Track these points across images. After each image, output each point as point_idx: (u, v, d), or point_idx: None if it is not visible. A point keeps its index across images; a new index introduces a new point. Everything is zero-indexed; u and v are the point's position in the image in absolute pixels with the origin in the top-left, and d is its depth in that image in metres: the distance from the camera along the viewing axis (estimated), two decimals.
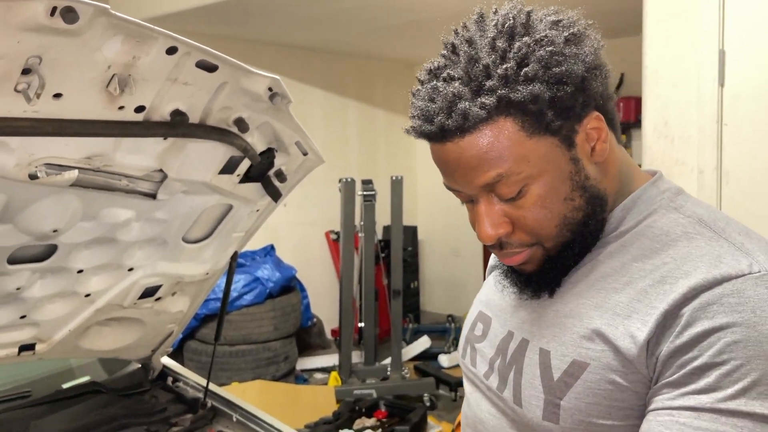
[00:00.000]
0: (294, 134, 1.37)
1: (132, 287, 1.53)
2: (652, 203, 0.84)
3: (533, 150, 0.77)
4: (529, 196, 0.79)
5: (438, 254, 6.36)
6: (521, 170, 0.77)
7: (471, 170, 0.78)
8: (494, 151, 0.76)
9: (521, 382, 0.84)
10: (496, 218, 0.81)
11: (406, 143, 6.33)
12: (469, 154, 0.77)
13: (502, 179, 0.77)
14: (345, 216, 4.13)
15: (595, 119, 0.80)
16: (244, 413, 1.75)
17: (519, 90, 0.74)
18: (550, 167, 0.78)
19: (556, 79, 0.75)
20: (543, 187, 0.78)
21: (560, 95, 0.75)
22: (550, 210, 0.80)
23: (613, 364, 0.75)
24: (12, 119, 0.95)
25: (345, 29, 4.51)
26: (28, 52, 0.87)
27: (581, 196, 0.81)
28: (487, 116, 0.75)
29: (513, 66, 0.74)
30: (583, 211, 0.81)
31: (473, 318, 1.02)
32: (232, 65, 1.12)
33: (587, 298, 0.82)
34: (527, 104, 0.74)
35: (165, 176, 1.28)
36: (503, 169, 0.76)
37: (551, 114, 0.76)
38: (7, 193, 1.10)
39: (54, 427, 1.58)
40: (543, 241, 0.82)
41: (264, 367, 4.14)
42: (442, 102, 0.76)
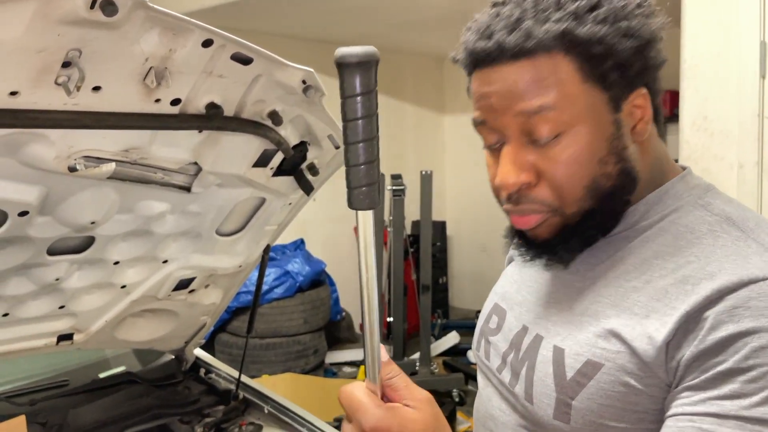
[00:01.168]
0: (326, 127, 1.37)
1: (166, 279, 1.55)
2: (678, 199, 0.81)
3: (582, 95, 0.74)
4: (564, 145, 0.75)
5: (467, 250, 6.33)
6: (565, 109, 0.73)
7: (514, 96, 0.74)
8: (544, 81, 0.73)
9: (533, 378, 0.81)
10: (522, 163, 0.76)
11: (436, 138, 6.30)
12: (516, 78, 0.73)
13: (543, 112, 0.73)
14: (374, 211, 4.12)
15: (643, 97, 0.78)
16: (276, 405, 1.76)
17: (587, 28, 0.72)
18: (593, 120, 0.75)
19: (623, 33, 0.73)
20: (581, 139, 0.74)
21: (622, 48, 0.73)
22: (583, 167, 0.75)
23: (628, 366, 0.72)
24: (52, 112, 0.97)
25: (375, 23, 4.50)
26: (68, 45, 0.88)
27: (615, 164, 0.77)
28: (549, 43, 0.72)
29: (585, 5, 0.73)
30: (613, 182, 0.77)
31: (488, 310, 0.99)
32: (267, 58, 1.12)
33: (605, 295, 0.79)
34: (591, 45, 0.72)
35: (200, 169, 1.29)
36: (549, 100, 0.73)
37: (610, 66, 0.74)
38: (47, 185, 1.12)
39: (91, 415, 1.61)
40: (565, 205, 0.77)
41: (294, 360, 4.17)
42: (505, 21, 0.74)
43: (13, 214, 1.13)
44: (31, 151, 1.03)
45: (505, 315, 0.94)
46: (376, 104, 0.60)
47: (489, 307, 1.00)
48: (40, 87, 0.92)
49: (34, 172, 1.08)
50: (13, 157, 1.04)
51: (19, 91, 0.91)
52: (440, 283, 5.84)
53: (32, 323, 1.48)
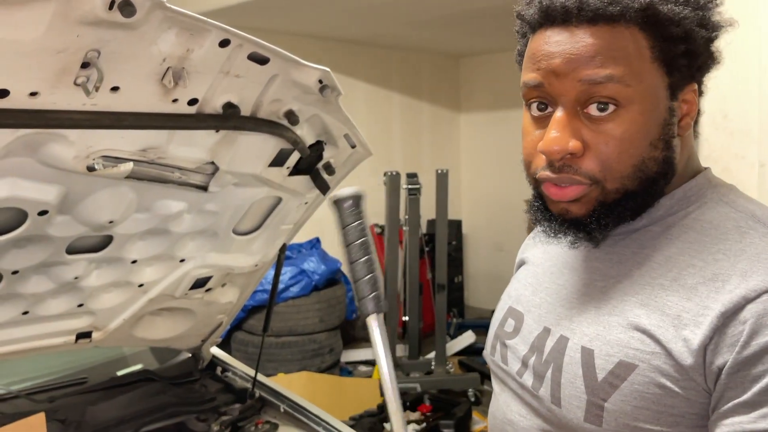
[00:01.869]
0: (343, 127, 1.37)
1: (183, 278, 1.55)
2: (702, 196, 0.80)
3: (649, 74, 0.72)
4: (618, 122, 0.72)
5: (482, 249, 6.30)
6: (630, 83, 0.71)
7: (583, 60, 0.71)
8: (618, 52, 0.71)
9: (561, 380, 0.79)
10: (572, 130, 0.73)
11: (452, 137, 6.28)
12: (589, 42, 0.71)
13: (609, 83, 0.71)
14: (389, 210, 4.13)
15: (693, 92, 0.77)
16: (292, 404, 1.77)
17: (669, 6, 0.71)
18: (652, 101, 0.73)
19: (699, 21, 0.74)
20: (638, 116, 0.72)
21: (696, 36, 0.73)
22: (634, 146, 0.73)
23: (664, 368, 0.70)
24: (72, 112, 0.97)
25: (391, 21, 4.50)
26: (87, 45, 0.89)
27: (663, 150, 0.75)
28: (630, 13, 0.70)
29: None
30: (657, 167, 0.75)
31: (502, 314, 0.97)
32: (283, 57, 1.12)
33: (631, 294, 0.77)
34: (670, 25, 0.72)
35: (216, 168, 1.29)
36: (618, 72, 0.70)
37: (681, 50, 0.73)
38: (66, 184, 1.13)
39: (109, 413, 1.63)
40: (608, 180, 0.74)
41: (309, 358, 4.18)
42: None
43: (32, 214, 1.14)
44: (51, 151, 1.04)
45: (522, 318, 0.92)
46: (367, 230, 0.75)
47: (503, 311, 0.97)
48: (59, 87, 0.93)
49: (54, 171, 1.09)
50: (32, 157, 1.05)
51: (39, 91, 0.92)
52: (456, 282, 5.82)
53: (51, 321, 1.49)
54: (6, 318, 1.39)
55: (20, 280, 1.32)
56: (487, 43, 5.39)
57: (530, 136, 0.79)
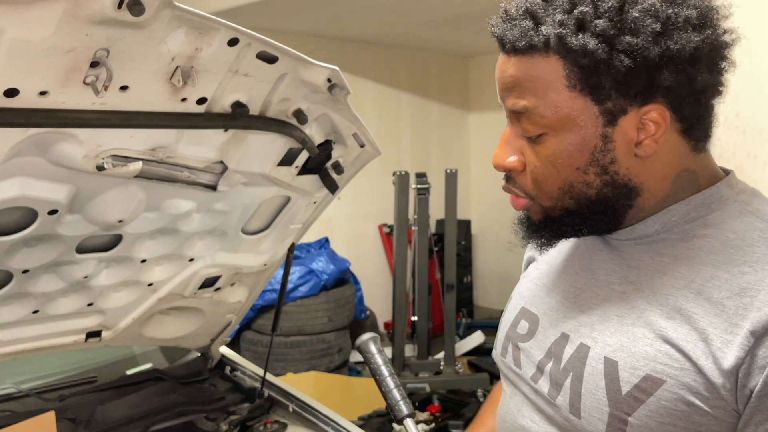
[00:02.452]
0: (351, 126, 1.36)
1: (192, 277, 1.56)
2: (724, 203, 0.77)
3: (566, 102, 0.73)
4: (544, 146, 0.77)
5: (492, 249, 6.28)
6: (545, 115, 0.75)
7: (506, 89, 0.78)
8: (531, 83, 0.74)
9: (581, 391, 0.78)
10: (513, 147, 0.80)
11: (461, 136, 6.27)
12: (510, 73, 0.76)
13: (525, 114, 0.76)
14: (398, 209, 4.12)
15: (658, 113, 0.73)
16: (301, 404, 1.76)
17: (579, 38, 0.70)
18: (574, 129, 0.74)
19: (623, 48, 0.69)
20: (559, 145, 0.75)
21: (616, 65, 0.70)
22: (558, 171, 0.77)
23: (693, 385, 0.69)
24: (81, 111, 0.98)
25: (399, 21, 4.49)
26: (96, 44, 0.89)
27: (597, 174, 0.76)
28: (542, 46, 0.73)
29: (590, 12, 0.70)
30: (595, 189, 0.77)
31: (515, 314, 0.95)
32: (292, 56, 1.12)
33: (654, 304, 0.75)
34: (579, 56, 0.71)
35: (225, 168, 1.29)
36: (531, 104, 0.75)
37: (603, 80, 0.71)
38: (76, 184, 1.14)
39: (119, 411, 1.63)
40: (541, 199, 0.80)
41: (318, 358, 4.18)
42: (516, 11, 0.76)
43: (42, 213, 1.14)
44: (61, 150, 1.05)
45: (537, 320, 0.90)
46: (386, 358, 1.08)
47: (515, 311, 0.95)
48: (68, 87, 0.93)
49: (63, 171, 1.09)
50: (42, 157, 1.05)
51: (49, 91, 0.92)
52: (465, 282, 5.80)
53: (61, 320, 1.50)
54: (16, 317, 1.40)
55: (31, 279, 1.32)
56: (496, 42, 5.36)
57: None
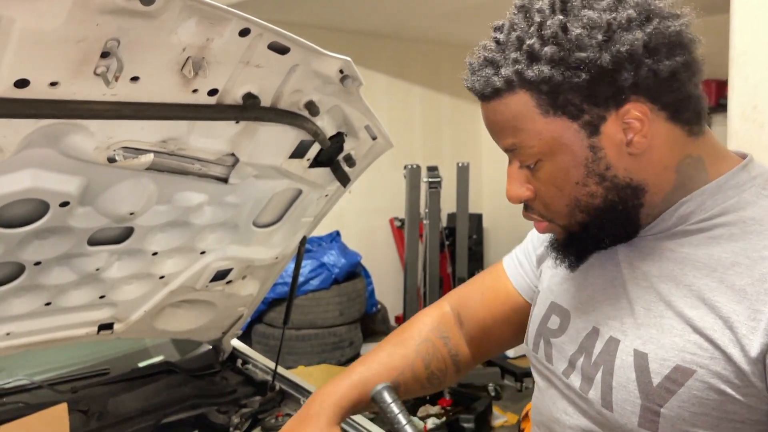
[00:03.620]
0: (363, 118, 1.35)
1: (204, 270, 1.55)
2: (740, 189, 0.76)
3: (546, 128, 0.77)
4: (542, 171, 0.80)
5: (503, 243, 6.25)
6: (533, 144, 0.78)
7: (494, 133, 0.83)
8: (511, 121, 0.78)
9: (612, 384, 0.78)
10: (519, 181, 0.84)
11: (472, 129, 6.23)
12: (492, 118, 0.81)
13: (517, 149, 0.80)
14: (410, 203, 4.11)
15: (637, 110, 0.74)
16: None
17: (533, 69, 0.74)
18: (562, 149, 0.77)
19: (575, 65, 0.72)
20: (554, 167, 0.79)
21: (576, 82, 0.73)
22: (561, 190, 0.80)
23: (724, 373, 0.69)
24: (92, 102, 0.97)
25: (412, 13, 4.46)
26: (107, 35, 0.88)
27: (597, 183, 0.78)
28: (505, 87, 0.77)
29: (537, 43, 0.74)
30: (601, 198, 0.79)
31: (545, 309, 0.95)
32: (304, 47, 1.10)
33: (679, 296, 0.75)
34: (539, 84, 0.74)
35: (237, 160, 1.28)
36: (517, 140, 0.79)
37: (570, 98, 0.74)
38: (87, 176, 1.13)
39: (131, 404, 1.63)
40: (556, 219, 0.84)
41: (329, 351, 4.19)
42: (477, 63, 0.81)
43: (54, 205, 1.14)
44: (72, 141, 1.04)
45: (568, 315, 0.90)
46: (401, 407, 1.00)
47: (545, 306, 0.96)
48: (79, 77, 0.92)
49: (75, 162, 1.09)
50: (54, 148, 1.05)
51: (59, 81, 0.91)
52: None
53: (74, 312, 1.50)
54: (29, 309, 1.40)
55: (43, 272, 1.32)
56: None
57: None
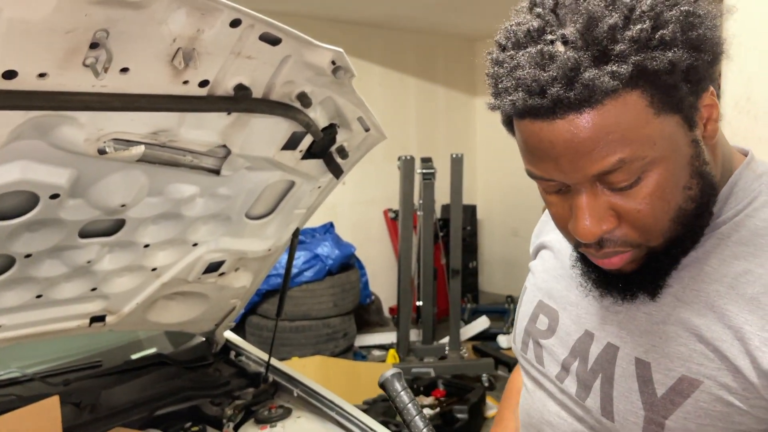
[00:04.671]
0: (356, 110, 1.34)
1: (196, 262, 1.55)
2: (749, 190, 0.74)
3: (660, 130, 0.64)
4: (645, 184, 0.66)
5: (497, 234, 6.27)
6: (645, 155, 0.64)
7: (585, 155, 0.64)
8: (617, 132, 0.63)
9: (612, 394, 0.75)
10: (601, 211, 0.68)
11: (467, 121, 6.23)
12: (585, 135, 0.63)
13: (623, 166, 0.64)
14: (404, 194, 4.10)
15: (711, 95, 0.68)
16: (305, 389, 1.76)
17: (657, 57, 0.61)
18: (673, 150, 0.66)
19: (694, 45, 0.63)
20: (664, 174, 0.66)
21: (697, 65, 0.63)
22: (668, 201, 0.67)
23: (732, 385, 0.66)
24: (81, 94, 0.96)
25: (406, 4, 4.44)
26: (96, 25, 0.87)
27: (698, 184, 0.69)
28: (618, 87, 0.61)
29: (648, 27, 0.61)
30: (696, 202, 0.69)
31: (532, 308, 0.91)
32: (296, 38, 1.10)
33: (686, 302, 0.72)
34: (663, 75, 0.62)
35: (229, 152, 1.27)
36: (626, 154, 0.63)
37: (685, 87, 0.64)
38: (77, 167, 1.12)
39: (123, 396, 1.63)
40: (651, 240, 0.70)
41: (323, 343, 4.19)
42: (557, 70, 0.62)
43: (44, 197, 1.13)
44: (61, 133, 1.03)
45: (557, 316, 0.87)
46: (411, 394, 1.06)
47: (532, 304, 0.92)
48: (68, 69, 0.91)
49: (65, 154, 1.08)
50: (43, 140, 1.04)
51: (48, 72, 0.90)
52: (470, 267, 5.80)
53: (65, 305, 1.49)
54: (20, 301, 1.39)
55: (33, 264, 1.31)
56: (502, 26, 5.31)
57: (554, 206, 0.73)
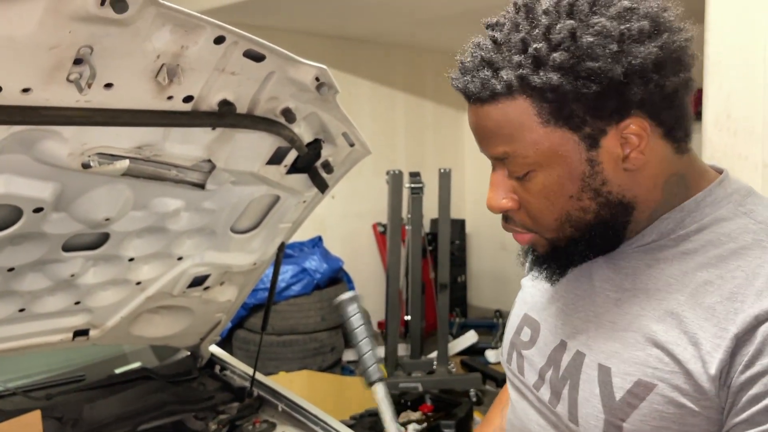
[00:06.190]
0: (341, 125, 1.36)
1: (181, 276, 1.55)
2: (717, 206, 0.76)
3: (545, 138, 0.73)
4: (534, 182, 0.76)
5: (486, 248, 6.29)
6: (527, 155, 0.74)
7: (485, 139, 0.78)
8: (506, 128, 0.74)
9: (577, 398, 0.78)
10: (503, 191, 0.80)
11: (455, 135, 6.26)
12: (484, 123, 0.76)
13: (509, 158, 0.76)
14: (392, 208, 4.11)
15: (637, 125, 0.72)
16: (290, 403, 1.76)
17: (540, 75, 0.70)
18: (559, 161, 0.74)
19: (586, 75, 0.69)
20: (548, 178, 0.75)
21: (584, 92, 0.69)
22: (552, 203, 0.77)
23: (684, 387, 0.69)
24: (65, 109, 0.97)
25: (394, 19, 4.48)
26: (79, 42, 0.88)
27: (592, 198, 0.76)
28: (505, 91, 0.72)
29: (545, 48, 0.70)
30: (593, 213, 0.77)
31: (518, 321, 0.95)
32: (280, 55, 1.11)
33: (648, 309, 0.75)
34: (545, 92, 0.71)
35: (213, 166, 1.28)
36: (510, 148, 0.75)
37: (575, 108, 0.71)
38: (61, 181, 1.13)
39: (107, 411, 1.62)
40: (542, 231, 0.80)
41: (311, 357, 4.17)
42: (472, 63, 0.76)
43: (28, 211, 1.13)
44: (45, 147, 1.04)
45: (538, 328, 0.90)
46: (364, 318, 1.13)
47: (518, 318, 0.96)
48: (52, 84, 0.92)
49: (49, 168, 1.08)
50: (27, 154, 1.04)
51: (32, 88, 0.91)
52: (459, 281, 5.80)
53: (48, 319, 1.49)
54: (2, 315, 1.39)
55: (16, 277, 1.31)
56: None
57: None
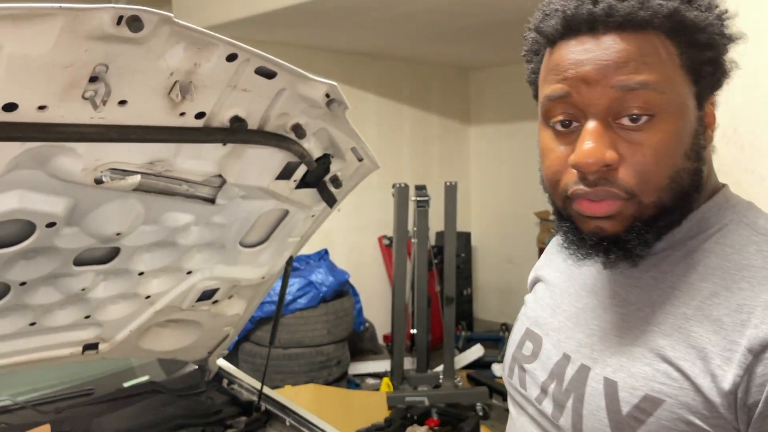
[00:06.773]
0: (350, 140, 1.37)
1: (190, 290, 1.56)
2: (721, 217, 0.76)
3: (679, 81, 0.71)
4: (654, 130, 0.69)
5: (492, 261, 6.28)
6: (664, 91, 0.69)
7: (615, 66, 0.68)
8: (650, 57, 0.69)
9: (582, 412, 0.77)
10: (607, 141, 0.70)
11: (461, 149, 6.28)
12: (621, 48, 0.69)
13: (642, 89, 0.68)
14: (398, 221, 4.12)
15: (713, 104, 0.76)
16: (297, 418, 1.76)
17: (695, 12, 0.70)
18: (683, 110, 0.71)
19: (722, 29, 0.73)
20: (671, 126, 0.70)
21: (720, 43, 0.73)
22: (670, 155, 0.70)
23: (692, 404, 0.68)
24: (80, 125, 0.98)
25: (401, 34, 4.51)
26: (95, 60, 0.90)
27: (695, 161, 0.73)
28: (657, 20, 0.69)
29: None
30: (690, 181, 0.73)
31: (520, 335, 0.94)
32: (291, 72, 1.12)
33: (654, 323, 0.74)
34: (696, 31, 0.70)
35: (224, 181, 1.29)
36: (651, 77, 0.68)
37: (706, 57, 0.72)
38: (74, 196, 1.14)
39: (115, 424, 1.62)
40: (645, 193, 0.71)
41: (317, 370, 4.17)
42: None
43: (41, 225, 1.15)
44: (59, 163, 1.05)
45: (540, 342, 0.89)
46: None
47: (521, 333, 0.95)
48: (67, 101, 0.93)
49: (62, 184, 1.10)
50: (41, 170, 1.06)
51: (48, 105, 0.93)
52: (465, 294, 5.79)
53: (59, 332, 1.50)
54: (13, 329, 1.40)
55: (28, 292, 1.32)
56: (496, 56, 5.39)
57: (554, 152, 0.75)
